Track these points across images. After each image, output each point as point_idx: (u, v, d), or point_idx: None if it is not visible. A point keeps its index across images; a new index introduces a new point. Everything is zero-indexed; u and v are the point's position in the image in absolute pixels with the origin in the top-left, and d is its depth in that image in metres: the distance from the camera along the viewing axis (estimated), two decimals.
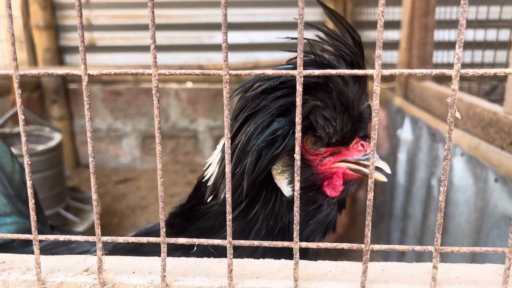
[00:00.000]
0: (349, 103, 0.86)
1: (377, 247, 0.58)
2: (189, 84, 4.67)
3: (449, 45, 2.85)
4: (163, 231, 0.60)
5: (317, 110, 0.85)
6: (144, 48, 4.46)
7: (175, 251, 0.76)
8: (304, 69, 0.87)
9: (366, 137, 0.92)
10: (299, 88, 0.53)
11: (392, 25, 3.62)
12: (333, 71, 0.53)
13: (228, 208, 0.58)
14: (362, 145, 0.90)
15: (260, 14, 4.36)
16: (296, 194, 0.57)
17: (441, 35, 2.72)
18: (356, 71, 0.53)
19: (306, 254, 0.92)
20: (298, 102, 0.53)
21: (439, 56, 2.87)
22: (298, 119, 0.54)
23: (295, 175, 0.56)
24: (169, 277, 0.64)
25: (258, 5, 4.36)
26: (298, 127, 0.55)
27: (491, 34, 2.22)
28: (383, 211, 2.69)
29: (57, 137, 3.08)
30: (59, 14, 4.42)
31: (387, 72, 0.53)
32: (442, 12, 2.67)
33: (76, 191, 3.45)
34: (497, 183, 1.47)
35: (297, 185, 0.56)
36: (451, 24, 2.64)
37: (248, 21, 4.34)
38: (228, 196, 0.58)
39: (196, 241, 0.60)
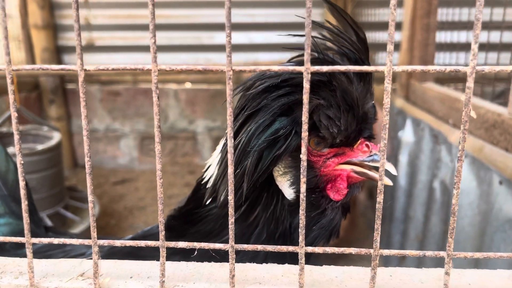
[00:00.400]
0: (353, 102, 0.83)
1: (386, 252, 0.56)
2: (188, 85, 4.64)
3: (451, 47, 2.83)
4: (162, 234, 0.57)
5: (320, 109, 0.82)
6: (143, 48, 4.43)
7: (174, 255, 0.74)
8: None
9: (370, 138, 0.90)
10: (306, 85, 0.51)
11: None
12: (342, 67, 0.50)
13: (231, 210, 0.55)
14: (367, 145, 0.87)
15: (259, 14, 4.33)
16: (302, 196, 0.54)
17: (443, 36, 2.70)
18: (366, 68, 0.51)
19: (308, 258, 0.90)
20: (305, 100, 0.51)
21: (441, 57, 2.86)
22: (305, 117, 0.52)
23: (301, 176, 0.53)
24: (168, 282, 0.61)
25: (257, 5, 4.34)
26: (305, 126, 0.52)
27: (494, 36, 2.20)
28: (384, 213, 2.66)
29: (56, 137, 3.06)
30: (57, 13, 4.39)
31: (398, 68, 0.50)
32: (444, 14, 2.65)
33: (74, 190, 3.43)
34: (502, 185, 1.45)
35: (303, 187, 0.54)
36: (453, 25, 2.63)
37: (247, 22, 4.32)
38: (231, 198, 0.55)
39: (196, 245, 0.57)
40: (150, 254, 0.91)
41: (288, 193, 0.86)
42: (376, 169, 0.86)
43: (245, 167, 0.82)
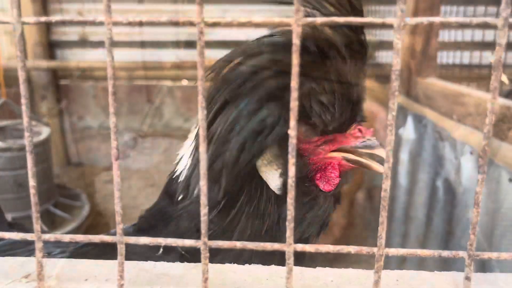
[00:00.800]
0: (349, 85, 0.74)
1: (393, 251, 0.46)
2: (184, 82, 4.54)
3: (455, 46, 2.75)
4: (119, 227, 0.47)
5: (312, 93, 0.73)
6: (139, 44, 4.32)
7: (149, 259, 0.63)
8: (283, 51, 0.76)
9: (362, 121, 0.80)
10: (297, 42, 0.40)
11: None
12: (341, 19, 0.40)
13: (203, 198, 0.45)
14: (359, 130, 0.79)
15: (258, 11, 4.24)
16: (291, 181, 0.44)
17: (446, 35, 2.63)
18: (371, 20, 0.41)
19: (302, 260, 0.79)
20: (295, 60, 0.41)
21: (444, 56, 2.78)
22: (294, 83, 0.42)
23: (290, 156, 0.43)
24: (129, 286, 0.51)
25: (256, 2, 4.24)
26: (294, 94, 0.42)
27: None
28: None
29: (44, 132, 2.96)
30: (51, 7, 4.29)
31: (411, 21, 0.40)
32: (448, 12, 2.57)
33: (63, 188, 3.35)
34: None
35: (292, 170, 0.44)
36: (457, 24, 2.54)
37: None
38: (203, 183, 0.45)
39: (162, 241, 0.47)
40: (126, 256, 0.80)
41: (274, 184, 0.76)
42: (369, 156, 0.77)
43: (224, 160, 0.72)
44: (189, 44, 4.30)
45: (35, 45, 4.15)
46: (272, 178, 0.76)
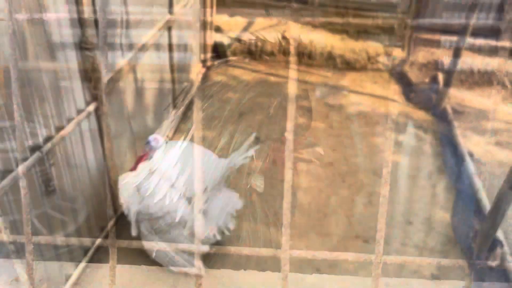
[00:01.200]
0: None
1: (391, 258, 0.45)
2: (185, 84, 4.54)
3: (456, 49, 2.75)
4: (111, 231, 0.46)
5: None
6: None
7: None
8: None
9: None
10: (296, 37, 0.40)
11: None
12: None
13: (199, 204, 0.44)
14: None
15: None
16: (287, 186, 0.43)
17: (448, 39, 2.64)
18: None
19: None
20: (292, 58, 0.40)
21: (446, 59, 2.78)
22: (292, 91, 0.41)
23: (286, 160, 0.42)
24: None
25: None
26: (292, 94, 0.41)
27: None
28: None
29: (44, 133, 2.95)
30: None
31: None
32: (449, 17, 2.58)
33: (61, 190, 3.32)
34: None
35: (289, 174, 0.43)
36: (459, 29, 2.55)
37: None
38: (199, 186, 0.44)
39: (155, 245, 0.46)
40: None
41: None
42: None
43: None
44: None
45: (36, 46, 4.12)
46: None
